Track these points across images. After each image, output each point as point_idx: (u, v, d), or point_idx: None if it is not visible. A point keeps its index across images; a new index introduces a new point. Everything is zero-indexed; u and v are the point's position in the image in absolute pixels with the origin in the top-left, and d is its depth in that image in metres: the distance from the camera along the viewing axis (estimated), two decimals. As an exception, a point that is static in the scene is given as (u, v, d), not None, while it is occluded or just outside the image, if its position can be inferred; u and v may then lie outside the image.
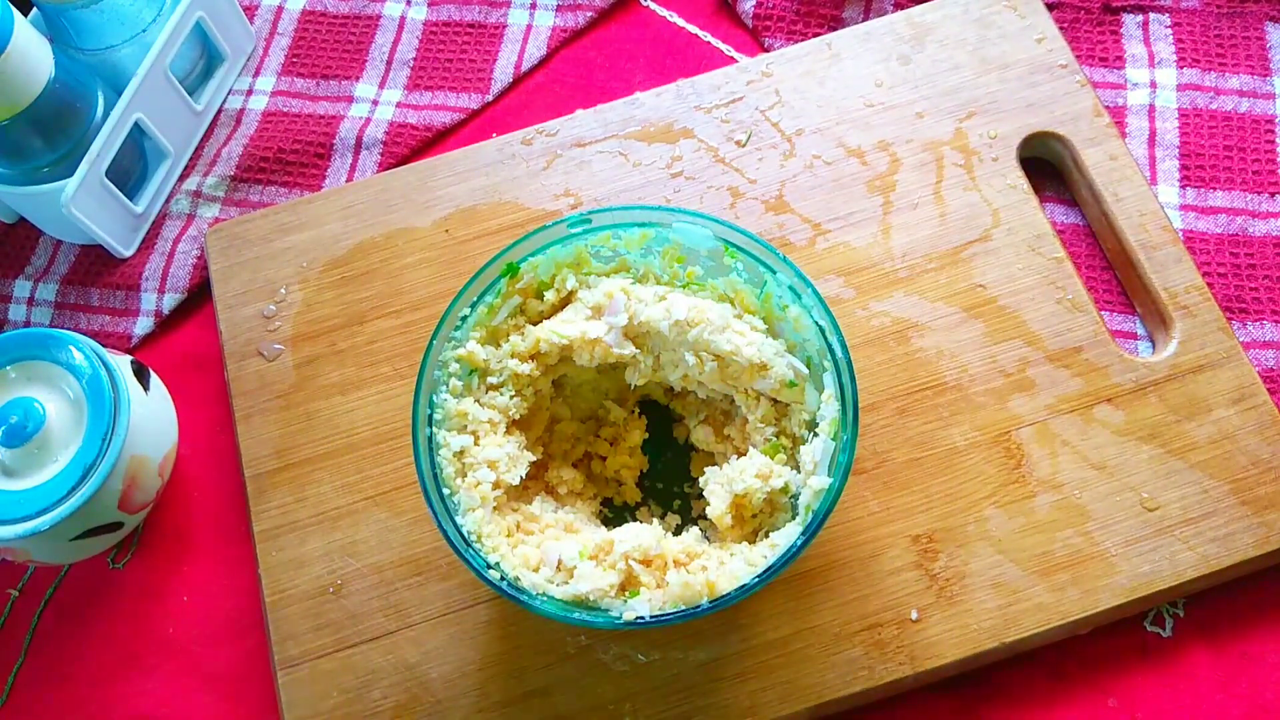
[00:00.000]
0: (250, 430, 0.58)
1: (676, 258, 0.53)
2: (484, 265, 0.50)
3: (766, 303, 0.51)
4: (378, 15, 0.73)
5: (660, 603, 0.45)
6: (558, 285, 0.52)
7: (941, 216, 0.60)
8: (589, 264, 0.53)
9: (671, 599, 0.45)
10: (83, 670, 0.57)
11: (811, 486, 0.46)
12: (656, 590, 0.46)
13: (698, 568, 0.47)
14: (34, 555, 0.55)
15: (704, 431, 0.54)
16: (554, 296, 0.52)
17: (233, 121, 0.70)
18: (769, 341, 0.50)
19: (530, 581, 0.46)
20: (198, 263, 0.65)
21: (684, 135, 0.63)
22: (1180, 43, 0.66)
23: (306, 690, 0.52)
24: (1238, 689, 0.52)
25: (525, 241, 0.51)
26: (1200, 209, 0.62)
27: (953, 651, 0.50)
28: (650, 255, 0.53)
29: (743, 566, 0.46)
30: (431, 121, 0.69)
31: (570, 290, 0.52)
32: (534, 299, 0.53)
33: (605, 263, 0.53)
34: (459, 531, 0.47)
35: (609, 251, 0.53)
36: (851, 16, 0.69)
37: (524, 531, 0.49)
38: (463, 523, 0.47)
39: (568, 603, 0.45)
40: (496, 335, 0.52)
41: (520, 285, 0.52)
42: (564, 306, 0.53)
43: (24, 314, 0.66)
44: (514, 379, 0.51)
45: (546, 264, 0.52)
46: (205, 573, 0.59)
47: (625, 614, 0.44)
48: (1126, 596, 0.51)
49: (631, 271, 0.53)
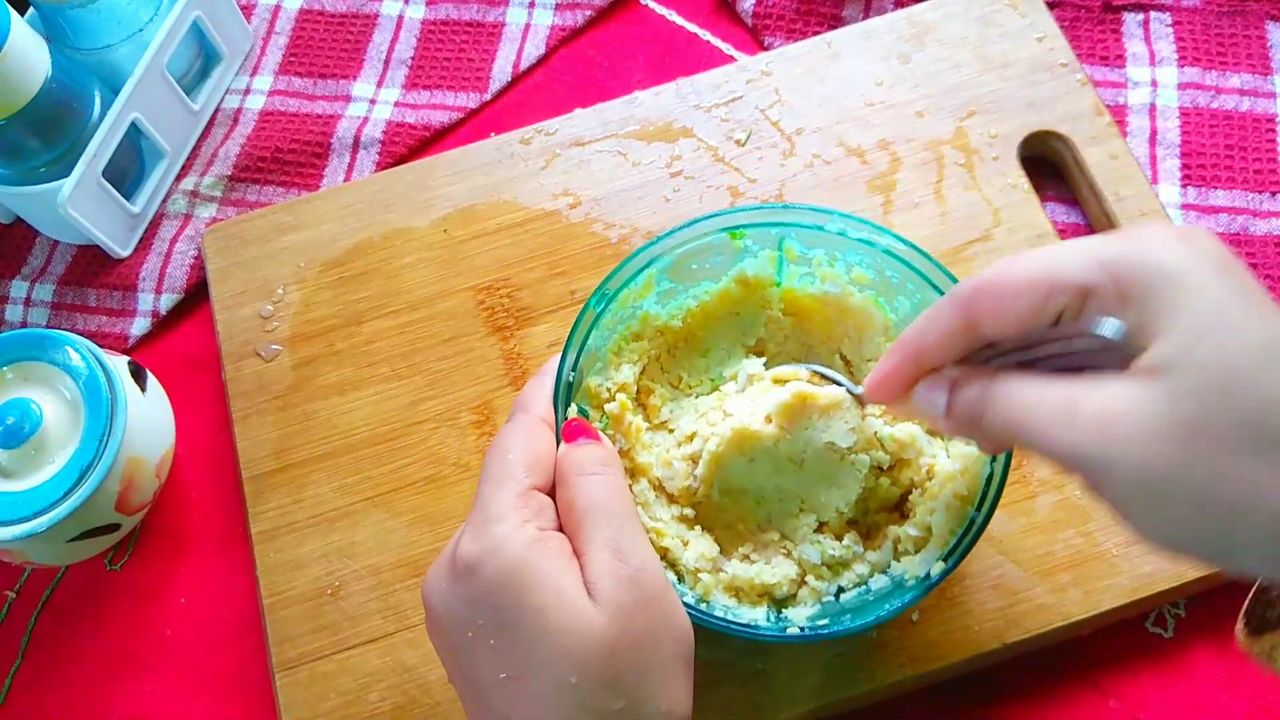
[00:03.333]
0: (248, 431, 0.58)
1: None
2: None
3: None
4: (375, 14, 0.73)
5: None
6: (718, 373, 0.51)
7: (942, 216, 0.60)
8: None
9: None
10: (80, 672, 0.57)
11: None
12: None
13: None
14: (31, 557, 0.55)
15: None
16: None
17: (230, 121, 0.70)
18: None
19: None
20: (195, 263, 0.65)
21: (683, 134, 0.63)
22: (1181, 41, 0.66)
23: (304, 692, 0.52)
24: (1240, 690, 0.51)
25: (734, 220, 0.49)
26: (1201, 208, 0.61)
27: (954, 652, 0.50)
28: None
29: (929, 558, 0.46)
30: (429, 121, 0.69)
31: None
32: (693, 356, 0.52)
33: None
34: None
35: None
36: (851, 15, 0.69)
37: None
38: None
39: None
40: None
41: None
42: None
43: (20, 314, 0.66)
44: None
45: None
46: (203, 574, 0.59)
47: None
48: (1128, 597, 0.51)
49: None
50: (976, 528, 0.44)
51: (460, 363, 0.59)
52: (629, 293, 0.48)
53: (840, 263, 0.50)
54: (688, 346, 0.52)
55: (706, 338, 0.52)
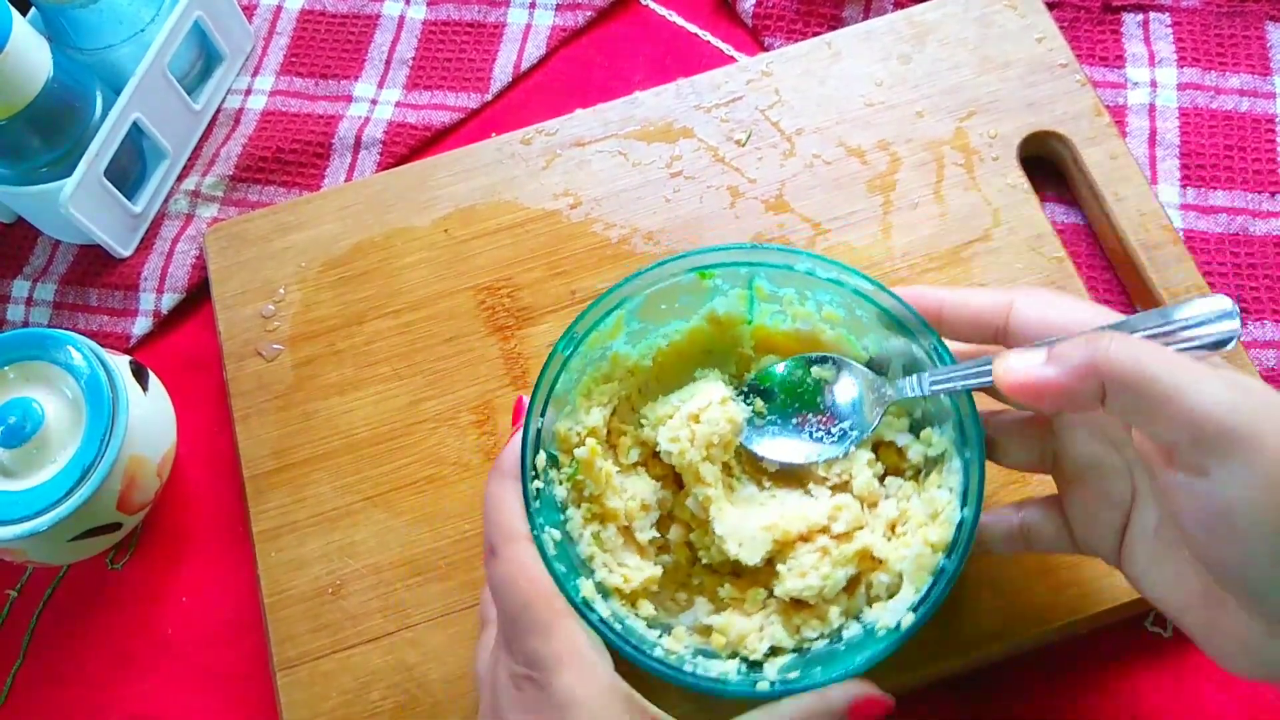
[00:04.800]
0: (249, 431, 0.58)
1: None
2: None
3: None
4: (377, 15, 0.73)
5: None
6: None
7: (942, 216, 0.60)
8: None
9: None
10: (81, 671, 0.57)
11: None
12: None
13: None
14: (32, 556, 0.55)
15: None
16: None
17: (231, 121, 0.70)
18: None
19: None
20: (196, 263, 0.65)
21: (684, 135, 0.63)
22: (1180, 42, 0.66)
23: (305, 691, 0.52)
24: (1238, 689, 0.52)
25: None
26: (1201, 208, 0.61)
27: (953, 652, 0.50)
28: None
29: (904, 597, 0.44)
30: (430, 121, 0.69)
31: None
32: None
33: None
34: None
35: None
36: (851, 15, 0.69)
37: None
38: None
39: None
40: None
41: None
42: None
43: (22, 314, 0.66)
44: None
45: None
46: (204, 573, 0.59)
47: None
48: (1127, 596, 0.51)
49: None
50: (948, 576, 0.42)
51: (461, 362, 0.59)
52: (598, 335, 0.48)
53: (810, 301, 0.50)
54: (659, 385, 0.51)
55: (678, 376, 0.51)
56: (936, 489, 0.46)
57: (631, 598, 0.46)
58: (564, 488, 0.47)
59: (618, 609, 0.45)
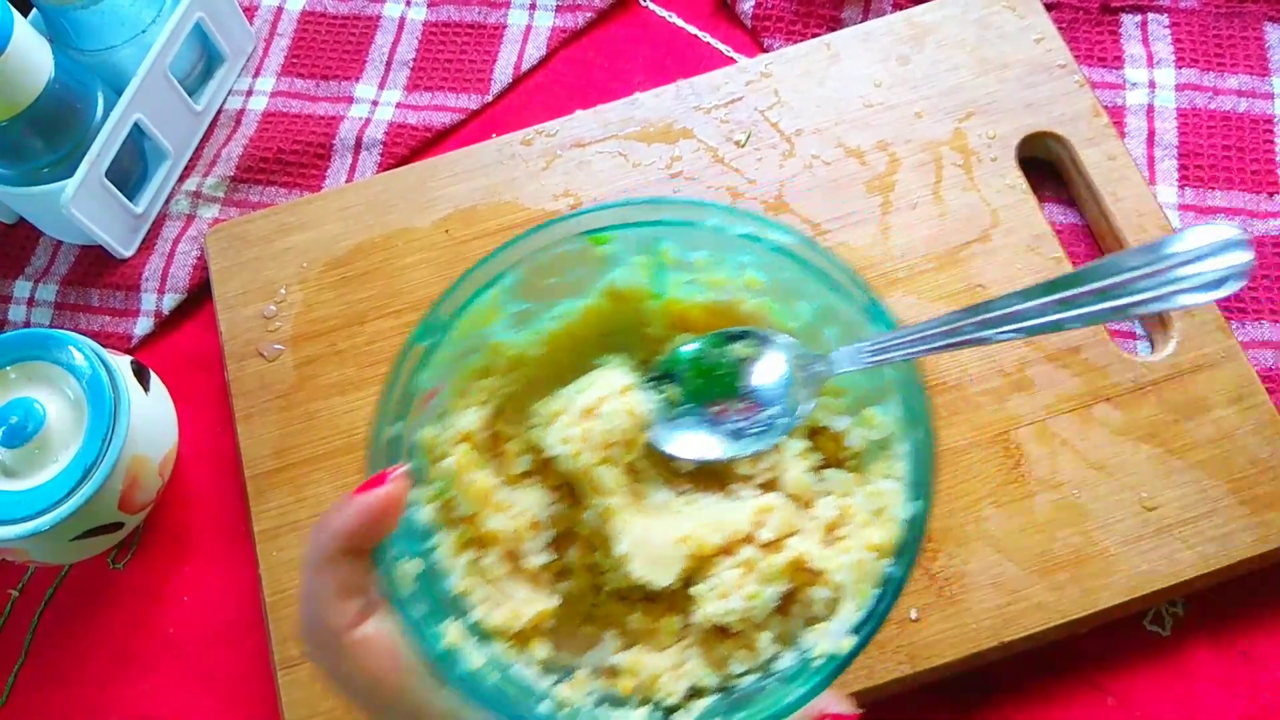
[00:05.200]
0: (250, 430, 0.58)
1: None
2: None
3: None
4: (377, 16, 0.73)
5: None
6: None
7: (940, 217, 0.60)
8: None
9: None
10: (83, 671, 0.57)
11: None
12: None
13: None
14: (34, 555, 0.55)
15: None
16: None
17: (232, 122, 0.70)
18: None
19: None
20: (198, 263, 0.65)
21: (683, 135, 0.63)
22: (1179, 43, 0.66)
23: (306, 690, 0.52)
24: (1237, 688, 0.52)
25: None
26: (1199, 209, 0.62)
27: (952, 651, 0.50)
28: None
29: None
30: (431, 122, 0.69)
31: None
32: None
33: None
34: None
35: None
36: (850, 17, 0.69)
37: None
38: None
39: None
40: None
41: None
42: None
43: (24, 314, 0.66)
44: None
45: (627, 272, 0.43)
46: (205, 573, 0.59)
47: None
48: (1126, 596, 0.51)
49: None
50: (895, 586, 0.35)
51: (461, 362, 0.59)
52: (470, 319, 0.39)
53: (728, 265, 0.41)
54: (552, 378, 0.43)
55: (575, 366, 0.43)
56: (882, 479, 0.39)
57: (521, 638, 0.39)
58: (429, 508, 0.39)
59: (500, 655, 0.38)
